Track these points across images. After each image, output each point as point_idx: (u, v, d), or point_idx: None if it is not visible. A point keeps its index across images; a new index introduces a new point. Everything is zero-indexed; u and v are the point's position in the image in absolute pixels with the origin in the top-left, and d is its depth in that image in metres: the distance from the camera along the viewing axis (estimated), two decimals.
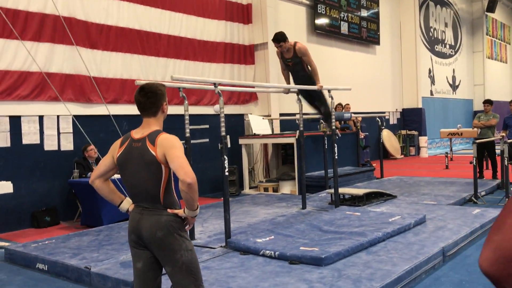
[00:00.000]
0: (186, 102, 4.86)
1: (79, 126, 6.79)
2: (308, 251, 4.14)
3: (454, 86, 20.89)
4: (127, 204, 2.63)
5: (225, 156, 4.56)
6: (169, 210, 2.47)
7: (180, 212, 2.47)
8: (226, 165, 4.59)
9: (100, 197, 4.01)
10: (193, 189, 2.34)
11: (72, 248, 4.94)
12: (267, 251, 4.28)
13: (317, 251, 4.11)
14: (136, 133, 2.53)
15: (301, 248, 4.27)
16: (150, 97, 2.50)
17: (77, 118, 7.51)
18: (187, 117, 4.92)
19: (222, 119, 4.66)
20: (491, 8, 21.56)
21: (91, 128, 7.53)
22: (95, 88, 7.78)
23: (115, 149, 2.56)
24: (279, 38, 6.36)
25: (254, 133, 9.70)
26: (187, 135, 4.90)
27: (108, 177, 2.64)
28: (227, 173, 4.61)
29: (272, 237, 4.76)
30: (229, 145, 4.61)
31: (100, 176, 2.61)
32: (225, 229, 4.68)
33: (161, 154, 2.40)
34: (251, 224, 5.67)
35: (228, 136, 4.63)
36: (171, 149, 2.39)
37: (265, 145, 10.21)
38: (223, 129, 4.65)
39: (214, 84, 4.60)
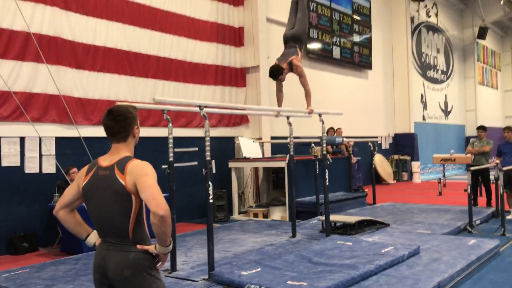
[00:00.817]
0: (170, 125, 4.65)
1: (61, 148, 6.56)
2: (296, 286, 3.88)
3: (446, 112, 20.90)
4: (94, 237, 2.39)
5: (209, 182, 4.33)
6: (138, 246, 2.23)
7: (151, 248, 2.24)
8: (211, 191, 4.36)
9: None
10: (166, 222, 2.11)
11: (45, 279, 4.63)
12: (252, 286, 4.01)
13: (305, 286, 3.85)
14: (104, 160, 2.30)
15: (288, 282, 4.01)
16: (119, 121, 2.29)
17: (61, 140, 7.30)
18: (171, 140, 4.70)
19: (207, 143, 4.44)
20: (481, 35, 21.76)
21: (76, 150, 7.29)
22: (80, 109, 7.58)
23: (81, 177, 2.33)
24: (276, 74, 6.06)
25: (245, 157, 9.49)
26: (171, 159, 4.67)
27: (74, 208, 2.40)
28: (211, 200, 4.38)
29: (259, 269, 4.49)
30: (214, 171, 4.36)
31: (64, 206, 2.37)
32: (208, 261, 4.42)
33: (131, 183, 2.18)
34: (237, 254, 5.40)
35: (213, 161, 4.39)
36: (143, 177, 2.17)
37: (256, 169, 9.98)
38: (208, 153, 4.43)
39: (200, 106, 4.40)
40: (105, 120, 2.31)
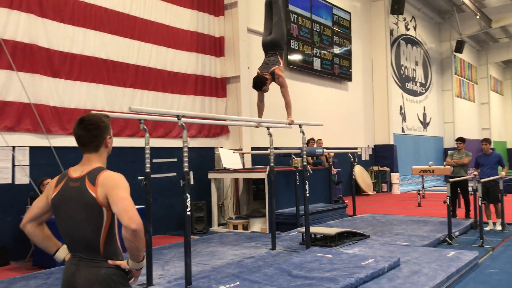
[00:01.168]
0: (147, 135, 4.54)
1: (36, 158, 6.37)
2: None
3: (424, 123, 21.16)
4: (63, 252, 2.27)
5: (187, 194, 4.22)
6: (110, 261, 2.12)
7: (123, 263, 2.13)
8: (189, 203, 4.25)
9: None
10: (139, 236, 2.01)
11: None
12: None
13: None
14: (75, 171, 2.20)
15: None
16: (91, 130, 2.19)
17: (36, 150, 7.10)
18: (147, 150, 4.58)
19: (186, 154, 4.34)
20: (459, 48, 22.21)
21: (51, 161, 7.08)
22: (56, 119, 7.40)
23: (50, 189, 2.21)
24: (259, 85, 5.94)
25: (225, 167, 9.39)
26: (147, 170, 4.55)
27: (42, 221, 2.28)
28: (189, 212, 4.26)
29: (237, 283, 4.38)
30: (192, 182, 4.25)
31: (32, 219, 2.25)
32: (186, 275, 4.29)
33: (103, 196, 2.07)
34: (216, 267, 5.28)
35: (191, 172, 4.29)
36: (114, 189, 2.07)
37: (236, 180, 9.88)
38: (186, 164, 4.32)
39: (178, 116, 4.30)
40: (76, 130, 2.21)
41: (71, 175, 2.19)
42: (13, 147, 6.84)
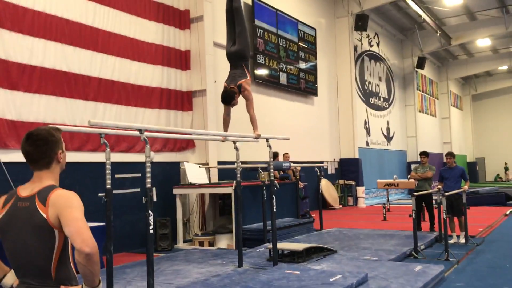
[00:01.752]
0: (108, 149, 4.36)
1: None
2: None
3: (388, 138, 21.55)
4: (11, 278, 2.09)
5: (149, 211, 4.05)
6: (62, 287, 1.95)
7: None
8: (151, 221, 4.08)
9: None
10: (93, 260, 1.86)
11: None
12: None
13: None
14: (24, 190, 2.03)
15: None
16: (39, 146, 2.03)
17: None
18: (108, 166, 4.40)
19: (148, 169, 4.18)
20: (420, 64, 22.86)
21: (10, 176, 6.74)
22: (13, 133, 7.08)
23: None
24: (228, 100, 5.84)
25: (190, 183, 9.20)
26: (108, 186, 4.36)
27: None
28: (152, 230, 4.09)
29: None
30: (155, 199, 4.09)
31: None
32: None
33: (54, 216, 1.91)
34: (180, 286, 5.10)
35: (154, 189, 4.13)
36: (67, 210, 1.91)
37: (202, 195, 9.70)
38: (148, 180, 4.16)
39: (140, 130, 4.15)
40: (23, 145, 2.04)
41: (20, 194, 2.02)
42: None
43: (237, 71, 5.98)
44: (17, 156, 6.95)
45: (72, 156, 7.78)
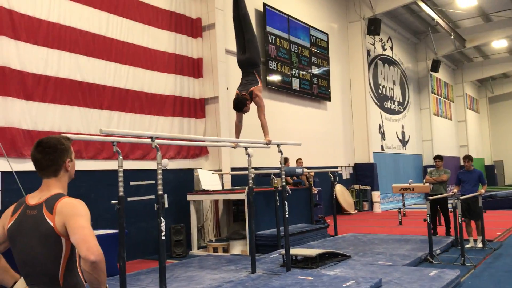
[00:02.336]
0: (121, 157, 4.42)
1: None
2: None
3: (403, 142, 21.37)
4: (22, 285, 2.14)
5: (161, 218, 4.09)
6: None
7: None
8: (163, 227, 4.12)
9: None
10: (99, 268, 1.88)
11: None
12: None
13: None
14: (32, 198, 2.07)
15: None
16: (48, 153, 2.08)
17: (8, 175, 6.87)
18: (121, 173, 4.45)
19: (160, 176, 4.22)
20: (435, 68, 22.66)
21: (24, 185, 6.85)
22: (28, 142, 7.20)
23: (6, 218, 2.09)
24: (240, 106, 5.90)
25: (204, 189, 9.25)
26: (121, 193, 4.41)
27: None
28: (164, 237, 4.13)
29: None
30: (166, 205, 4.13)
31: None
32: None
33: (61, 224, 1.95)
34: None
35: (165, 195, 4.17)
36: (74, 218, 1.95)
37: (216, 202, 9.73)
38: (160, 187, 4.21)
39: (151, 137, 4.20)
40: (33, 153, 2.10)
41: (28, 202, 2.07)
42: None
43: (248, 78, 6.01)
44: (32, 165, 7.08)
45: (88, 164, 7.91)
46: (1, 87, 6.88)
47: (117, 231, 5.96)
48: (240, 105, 5.90)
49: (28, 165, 7.02)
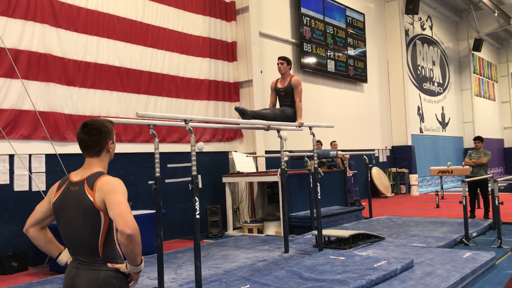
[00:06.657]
0: (157, 140, 4.58)
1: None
2: None
3: (443, 124, 20.87)
4: (66, 256, 2.32)
5: (196, 198, 4.24)
6: (109, 265, 2.15)
7: (121, 267, 2.16)
8: (197, 207, 4.28)
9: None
10: (134, 241, 2.03)
11: None
12: None
13: None
14: (76, 175, 2.24)
15: None
16: (93, 135, 2.24)
17: (51, 157, 7.22)
18: (157, 155, 4.62)
19: (194, 157, 4.37)
20: (477, 47, 21.88)
21: (66, 167, 7.20)
22: (70, 126, 7.52)
23: (52, 193, 2.26)
24: (287, 59, 6.47)
25: (238, 171, 9.41)
26: (157, 174, 4.59)
27: (45, 225, 2.33)
28: (198, 216, 4.29)
29: (248, 286, 4.39)
30: (200, 185, 4.28)
31: (35, 223, 2.30)
32: (196, 278, 4.32)
33: (100, 200, 2.10)
34: (227, 270, 5.30)
35: (199, 176, 4.32)
36: (112, 194, 2.10)
37: (251, 184, 9.89)
38: (194, 168, 4.36)
39: (185, 120, 4.34)
40: (79, 133, 2.27)
41: (72, 179, 2.23)
42: (30, 155, 6.98)
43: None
44: (74, 148, 7.40)
45: (127, 147, 8.19)
46: (44, 74, 7.19)
47: (155, 211, 6.20)
48: (287, 58, 6.47)
49: (70, 148, 7.37)
